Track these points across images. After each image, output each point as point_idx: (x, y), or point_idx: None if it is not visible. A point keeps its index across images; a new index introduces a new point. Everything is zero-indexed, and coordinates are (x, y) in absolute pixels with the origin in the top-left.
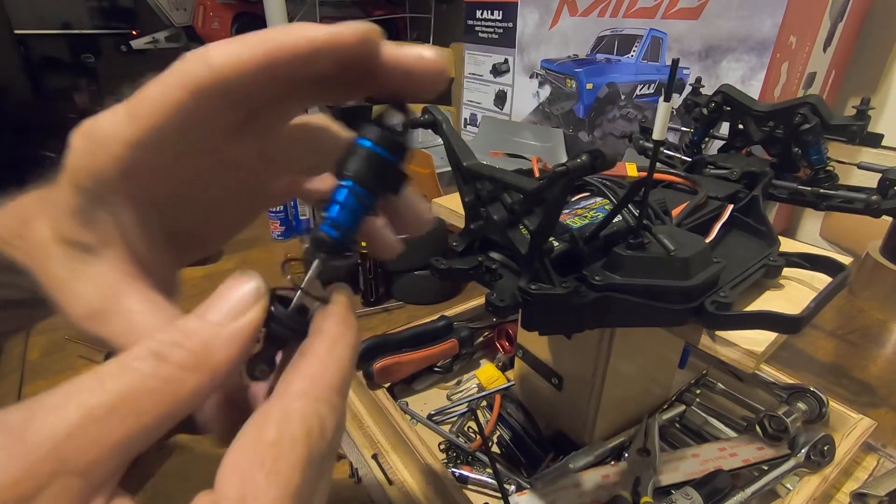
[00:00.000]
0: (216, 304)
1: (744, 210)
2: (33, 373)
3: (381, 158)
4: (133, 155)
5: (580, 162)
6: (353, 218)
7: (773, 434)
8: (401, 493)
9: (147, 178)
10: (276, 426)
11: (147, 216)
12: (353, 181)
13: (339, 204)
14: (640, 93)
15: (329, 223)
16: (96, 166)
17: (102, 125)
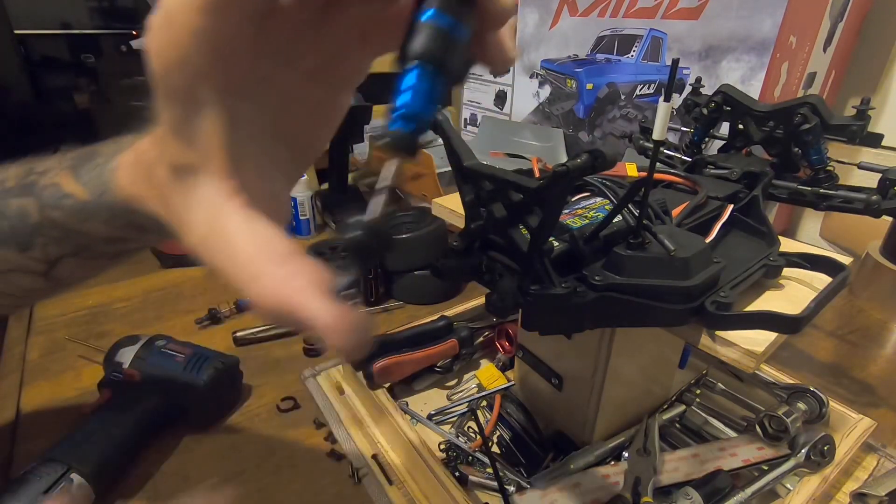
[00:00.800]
0: None
1: (744, 210)
2: (33, 373)
3: (449, 30)
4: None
5: (580, 162)
6: (427, 104)
7: (773, 434)
8: (401, 493)
9: (236, 62)
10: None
11: (248, 113)
12: (422, 61)
13: (409, 90)
14: (640, 93)
15: (402, 113)
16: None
17: (174, 6)
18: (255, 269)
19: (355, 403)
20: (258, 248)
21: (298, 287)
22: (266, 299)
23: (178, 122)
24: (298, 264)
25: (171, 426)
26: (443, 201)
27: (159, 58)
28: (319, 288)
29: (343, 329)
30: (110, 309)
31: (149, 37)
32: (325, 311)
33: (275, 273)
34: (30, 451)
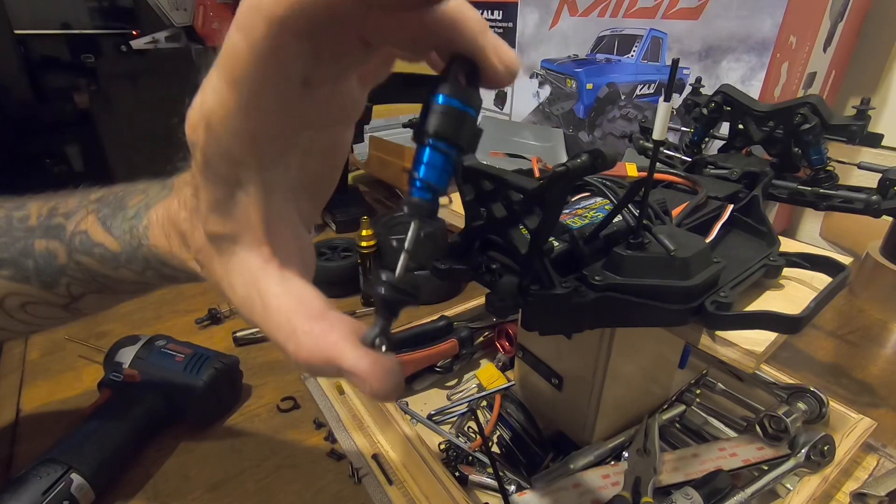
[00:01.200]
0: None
1: (744, 210)
2: (33, 373)
3: (459, 111)
4: (251, 121)
5: (580, 162)
6: (442, 176)
7: (773, 434)
8: (401, 493)
9: (271, 144)
10: None
11: (279, 179)
12: (435, 138)
13: (425, 164)
14: (640, 93)
15: (419, 186)
16: (226, 150)
17: (211, 108)
18: (291, 328)
19: (355, 403)
20: (293, 307)
21: (333, 341)
22: (304, 354)
23: (217, 201)
24: (332, 319)
25: (172, 426)
26: (443, 201)
27: (203, 152)
28: (353, 339)
29: (378, 376)
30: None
31: (191, 131)
32: (361, 361)
33: (311, 330)
34: (30, 451)
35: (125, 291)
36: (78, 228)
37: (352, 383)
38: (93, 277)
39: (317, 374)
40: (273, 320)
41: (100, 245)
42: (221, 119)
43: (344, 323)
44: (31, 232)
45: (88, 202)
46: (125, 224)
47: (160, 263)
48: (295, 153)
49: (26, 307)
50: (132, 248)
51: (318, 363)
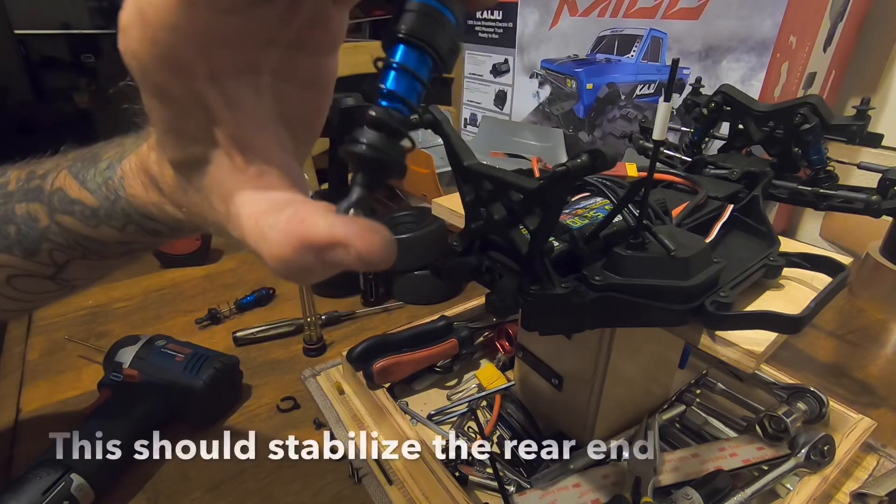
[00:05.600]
0: None
1: (744, 210)
2: (33, 373)
3: (436, 12)
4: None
5: (580, 162)
6: (412, 86)
7: (773, 434)
8: (401, 493)
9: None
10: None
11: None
12: (408, 41)
13: (394, 70)
14: (640, 93)
15: (385, 93)
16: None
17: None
18: (259, 229)
19: (355, 403)
20: (264, 208)
21: (301, 219)
22: (275, 250)
23: (169, 121)
24: (300, 203)
25: (171, 426)
26: (443, 201)
27: (138, 58)
28: (325, 211)
29: (362, 235)
30: (110, 309)
31: (123, 37)
32: (336, 224)
33: (277, 219)
34: (30, 451)
35: (111, 255)
36: (54, 186)
37: (336, 261)
38: (75, 240)
39: (300, 273)
40: (245, 228)
41: (77, 202)
42: (159, 12)
43: (313, 203)
44: (11, 197)
45: (63, 160)
46: (98, 177)
47: (140, 215)
48: (262, 74)
49: (12, 280)
50: (110, 201)
51: (291, 252)
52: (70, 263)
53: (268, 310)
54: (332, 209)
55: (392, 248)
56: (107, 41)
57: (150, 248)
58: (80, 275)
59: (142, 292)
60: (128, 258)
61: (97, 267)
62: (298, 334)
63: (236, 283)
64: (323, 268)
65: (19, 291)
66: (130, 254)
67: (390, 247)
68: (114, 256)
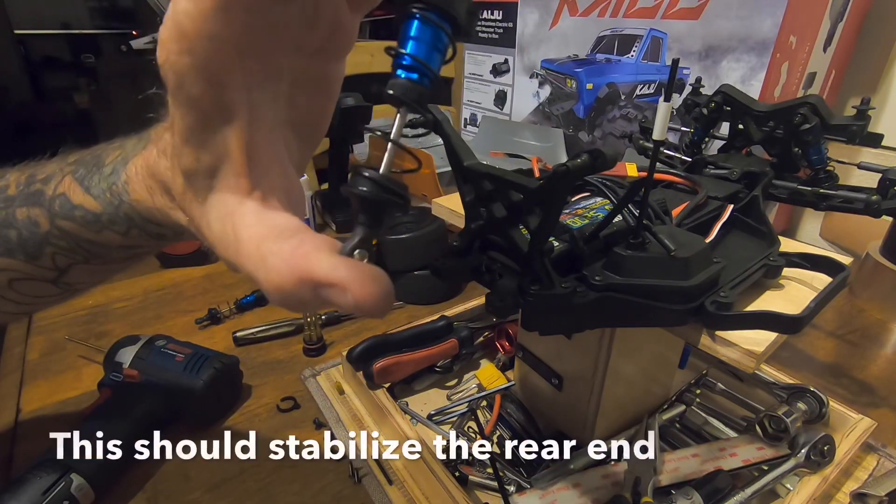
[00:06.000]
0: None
1: (744, 210)
2: (33, 373)
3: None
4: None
5: (580, 162)
6: (432, 53)
7: (773, 434)
8: (401, 493)
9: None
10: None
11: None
12: (425, 6)
13: (412, 38)
14: (640, 93)
15: (406, 63)
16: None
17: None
18: (260, 254)
19: (355, 403)
20: (264, 234)
21: (304, 253)
22: (274, 278)
23: (191, 129)
24: (304, 235)
25: (171, 426)
26: (443, 201)
27: (175, 69)
28: (328, 250)
29: (361, 282)
30: (110, 309)
31: (161, 49)
32: (338, 268)
33: (280, 249)
34: (30, 452)
35: (113, 259)
36: (56, 192)
37: (331, 302)
38: (77, 244)
39: (295, 303)
40: (244, 251)
41: (79, 207)
42: (196, 21)
43: (318, 238)
44: (11, 201)
45: (65, 164)
46: (103, 182)
47: (144, 220)
48: (283, 82)
49: (14, 284)
50: (113, 206)
51: (291, 285)
52: (72, 267)
53: (268, 310)
54: (336, 247)
55: (389, 300)
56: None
57: (154, 251)
58: (83, 278)
59: (142, 292)
60: (131, 262)
61: (99, 271)
62: (298, 334)
63: (236, 283)
64: (317, 303)
65: (21, 295)
66: (133, 258)
67: (387, 298)
68: (116, 260)
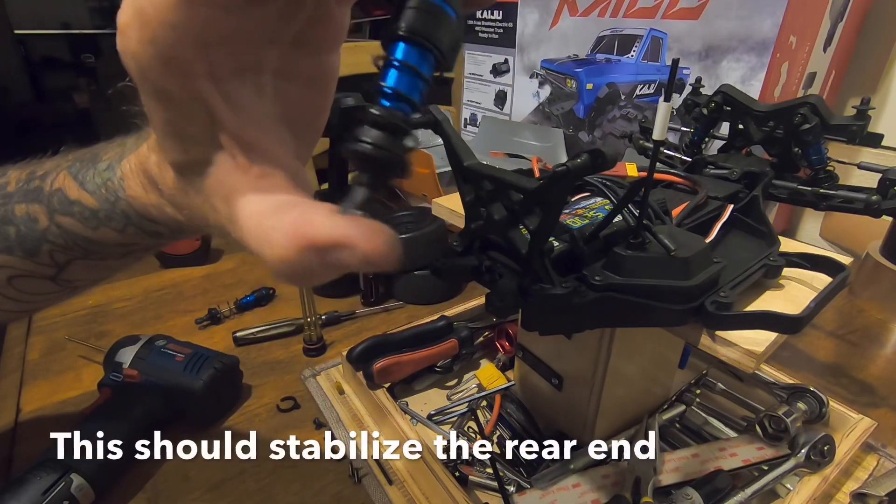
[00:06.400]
0: None
1: (744, 210)
2: (33, 373)
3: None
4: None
5: (580, 162)
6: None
7: (773, 434)
8: (401, 493)
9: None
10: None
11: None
12: (409, 39)
13: (395, 69)
14: (640, 93)
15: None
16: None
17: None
18: (262, 230)
19: (355, 403)
20: (267, 209)
21: (305, 220)
22: (278, 251)
23: (169, 122)
24: (304, 206)
25: (171, 426)
26: (443, 201)
27: (136, 58)
28: (329, 212)
29: (366, 236)
30: (110, 309)
31: (121, 37)
32: (340, 224)
33: (281, 221)
34: (30, 452)
35: (111, 256)
36: (53, 187)
37: (340, 263)
38: (75, 241)
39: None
40: (247, 228)
41: (76, 202)
42: (159, 10)
43: (318, 205)
44: (10, 198)
45: (63, 161)
46: (98, 178)
47: (140, 217)
48: (264, 73)
49: (13, 281)
50: (109, 203)
51: (295, 254)
52: (71, 264)
53: (268, 310)
54: (336, 210)
55: (396, 248)
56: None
57: (152, 249)
58: (81, 276)
59: (142, 292)
60: (129, 259)
61: (98, 268)
62: (298, 334)
63: (236, 283)
64: (326, 269)
65: (20, 292)
66: (131, 255)
67: (395, 248)
68: (115, 257)
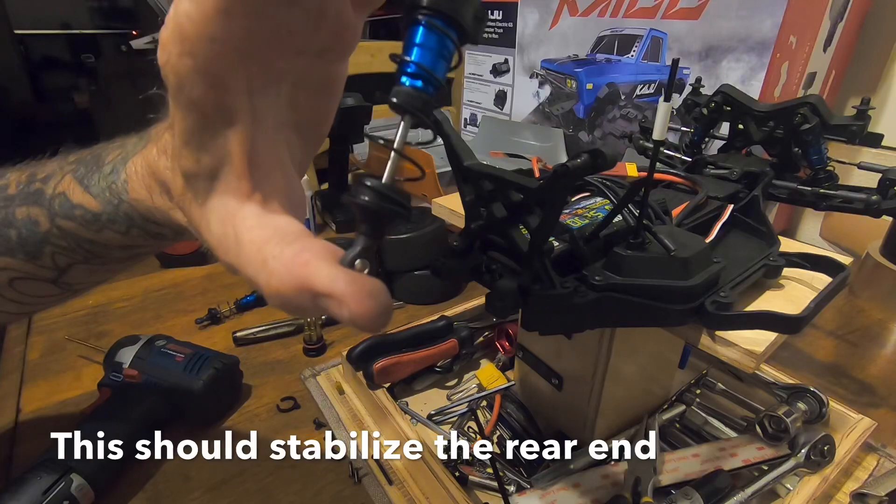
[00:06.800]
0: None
1: (744, 210)
2: (33, 373)
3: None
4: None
5: (580, 162)
6: (438, 61)
7: (773, 434)
8: (401, 493)
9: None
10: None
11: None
12: (431, 13)
13: (417, 46)
14: (640, 93)
15: (411, 71)
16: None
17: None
18: (261, 257)
19: (355, 403)
20: (267, 237)
21: (305, 261)
22: (274, 282)
23: (194, 132)
24: (306, 242)
25: (172, 426)
26: (443, 201)
27: (176, 72)
28: (329, 259)
29: (358, 297)
30: (110, 309)
31: (162, 51)
32: (337, 279)
33: (282, 253)
34: (30, 452)
35: (113, 259)
36: (56, 191)
37: (328, 312)
38: (77, 244)
39: (293, 309)
40: (245, 254)
41: (79, 206)
42: (198, 23)
43: (320, 244)
44: (11, 200)
45: (66, 164)
46: (103, 181)
47: (143, 219)
48: (286, 84)
49: (14, 283)
50: (112, 206)
51: (290, 290)
52: (72, 267)
53: (268, 310)
54: (337, 255)
55: (385, 316)
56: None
57: (154, 251)
58: (83, 278)
59: (142, 292)
60: (131, 262)
61: (99, 271)
62: (298, 334)
63: (236, 283)
64: (316, 310)
65: (21, 294)
66: (134, 258)
67: (383, 315)
68: (117, 260)
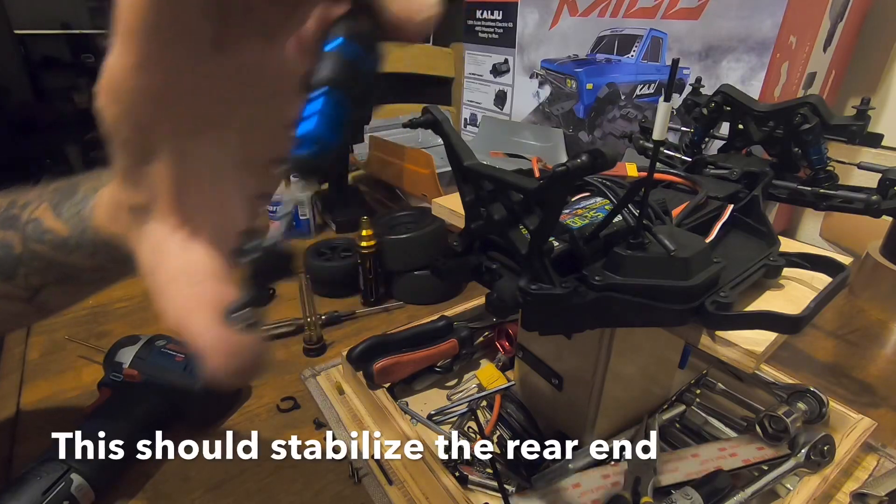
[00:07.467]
0: None
1: (744, 210)
2: (33, 373)
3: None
4: (150, 78)
5: (580, 162)
6: (332, 128)
7: (773, 434)
8: (401, 493)
9: (180, 107)
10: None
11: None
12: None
13: (313, 115)
14: (640, 93)
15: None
16: (127, 111)
17: (111, 65)
18: (168, 290)
19: (355, 403)
20: (178, 271)
21: (191, 308)
22: (168, 319)
23: (127, 169)
24: (207, 285)
25: (171, 426)
26: (443, 201)
27: (107, 114)
28: (210, 309)
29: (221, 353)
30: (110, 309)
31: (98, 97)
32: (204, 333)
33: (177, 294)
34: (30, 451)
35: (86, 281)
36: (31, 217)
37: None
38: (48, 265)
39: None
40: (157, 283)
41: (49, 231)
42: (120, 76)
43: (215, 291)
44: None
45: (45, 192)
46: (73, 208)
47: (107, 245)
48: (229, 128)
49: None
50: (79, 231)
51: (176, 327)
52: (45, 287)
53: (268, 310)
54: (222, 305)
55: (247, 373)
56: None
57: (124, 274)
58: (56, 298)
59: (142, 292)
60: (103, 283)
61: (73, 293)
62: (298, 334)
63: None
64: None
65: None
66: (104, 279)
67: (245, 373)
68: (88, 282)
